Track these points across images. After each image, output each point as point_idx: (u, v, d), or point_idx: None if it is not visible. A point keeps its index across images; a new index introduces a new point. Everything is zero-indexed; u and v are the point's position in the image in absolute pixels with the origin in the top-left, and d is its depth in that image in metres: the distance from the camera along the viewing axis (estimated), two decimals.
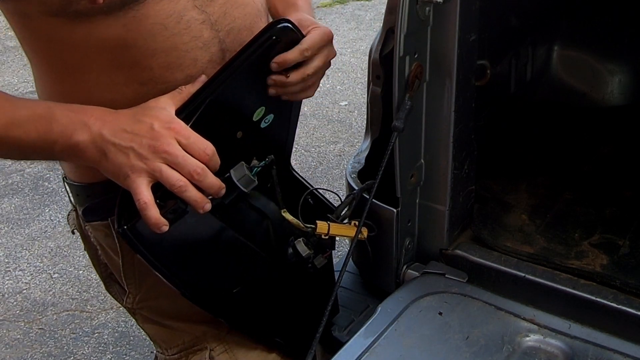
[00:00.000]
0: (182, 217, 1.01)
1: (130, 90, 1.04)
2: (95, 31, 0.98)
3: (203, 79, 1.03)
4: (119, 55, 1.01)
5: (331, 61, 1.15)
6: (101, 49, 1.01)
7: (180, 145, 0.95)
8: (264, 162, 1.11)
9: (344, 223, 1.27)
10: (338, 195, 1.44)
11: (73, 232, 1.33)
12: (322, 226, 1.20)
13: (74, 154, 0.97)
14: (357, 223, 1.25)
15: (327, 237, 1.22)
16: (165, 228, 0.96)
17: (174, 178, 0.95)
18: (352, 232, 1.25)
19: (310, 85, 1.13)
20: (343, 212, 1.27)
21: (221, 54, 1.09)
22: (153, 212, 0.94)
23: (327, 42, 1.12)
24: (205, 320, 1.26)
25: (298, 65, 1.09)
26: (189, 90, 1.02)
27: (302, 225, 1.20)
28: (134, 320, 1.37)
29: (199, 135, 0.97)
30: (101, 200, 1.17)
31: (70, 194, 1.24)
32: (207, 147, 0.97)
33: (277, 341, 1.31)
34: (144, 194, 0.94)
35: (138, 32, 1.00)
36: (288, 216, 1.20)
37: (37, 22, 0.99)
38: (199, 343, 1.28)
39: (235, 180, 1.04)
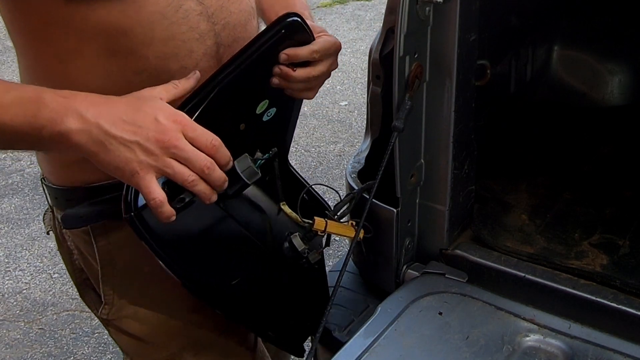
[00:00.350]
0: (188, 207, 1.00)
1: (123, 80, 1.02)
2: (93, 15, 0.97)
3: (197, 75, 1.00)
4: (115, 42, 1.00)
5: None
6: (98, 35, 0.99)
7: (187, 139, 0.92)
8: (267, 154, 1.11)
9: (342, 222, 1.27)
10: (338, 194, 1.45)
11: (48, 233, 1.29)
12: (319, 223, 1.20)
13: (62, 142, 0.91)
14: (354, 223, 1.26)
15: (323, 234, 1.22)
16: (174, 218, 0.94)
17: (186, 174, 0.92)
18: (348, 231, 1.25)
19: (311, 87, 1.13)
20: (341, 211, 1.27)
21: (215, 47, 1.08)
22: (167, 208, 0.92)
23: (335, 51, 1.13)
24: (184, 333, 1.23)
25: (304, 65, 1.09)
26: (184, 86, 0.99)
27: (300, 220, 1.20)
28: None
29: (204, 128, 0.94)
30: (82, 207, 1.13)
31: (49, 196, 1.20)
32: (213, 139, 0.94)
33: (269, 335, 1.30)
34: (157, 192, 0.91)
35: (137, 19, 0.99)
36: (287, 209, 1.20)
37: (34, 5, 0.97)
38: (174, 359, 1.26)
39: (240, 172, 1.03)
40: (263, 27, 1.16)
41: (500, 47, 1.85)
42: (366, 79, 1.47)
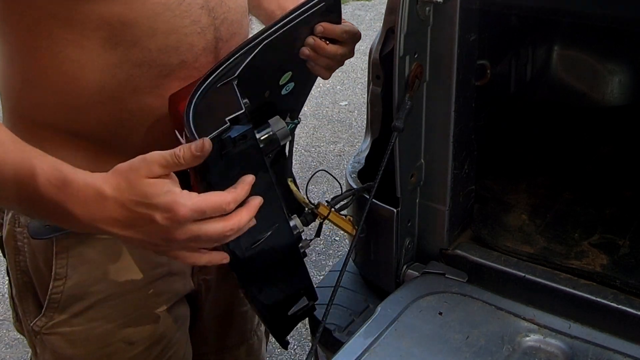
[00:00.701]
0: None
1: (122, 72, 1.00)
2: (97, 8, 0.95)
3: (206, 152, 0.87)
4: (117, 34, 0.98)
5: None
6: (100, 27, 0.96)
7: (197, 220, 0.85)
8: (297, 120, 1.12)
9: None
10: (340, 185, 1.44)
11: None
12: (323, 208, 1.21)
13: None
14: (351, 218, 1.26)
15: (322, 220, 1.22)
16: None
17: (210, 246, 0.90)
18: (347, 225, 1.26)
19: (331, 66, 1.16)
20: (339, 204, 1.27)
21: (215, 42, 1.07)
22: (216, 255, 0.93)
23: (357, 39, 1.17)
24: None
25: (332, 43, 1.13)
26: (188, 162, 0.87)
27: (307, 201, 1.20)
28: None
29: (210, 196, 0.86)
30: None
31: None
32: (225, 203, 0.87)
33: (262, 313, 1.29)
34: (197, 258, 0.91)
35: (141, 10, 0.97)
36: (293, 187, 1.20)
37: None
38: None
39: (275, 131, 1.03)
40: (257, 25, 1.16)
41: (500, 47, 1.85)
42: (366, 79, 1.48)
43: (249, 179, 0.92)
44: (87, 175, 0.88)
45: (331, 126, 4.19)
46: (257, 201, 0.93)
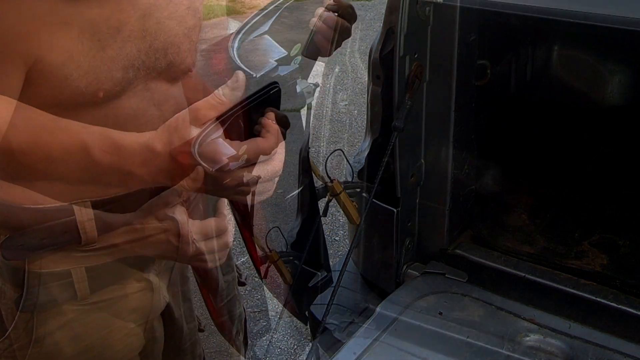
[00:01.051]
0: None
1: (111, 75, 0.98)
2: (87, 9, 0.94)
3: (242, 78, 0.90)
4: (109, 37, 0.97)
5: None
6: (90, 29, 0.95)
7: (242, 167, 0.90)
8: (316, 82, 1.14)
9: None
10: (353, 170, 1.45)
11: None
12: (337, 185, 1.22)
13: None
14: (356, 205, 1.28)
15: (333, 197, 1.23)
16: None
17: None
18: (354, 211, 1.29)
19: (336, 43, 1.18)
20: (349, 191, 1.29)
21: (199, 44, 1.08)
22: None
23: (355, 18, 1.20)
24: None
25: None
26: (228, 97, 0.88)
27: (323, 174, 1.21)
28: None
29: (251, 143, 0.89)
30: (23, 235, 1.03)
31: None
32: (267, 148, 0.90)
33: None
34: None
35: (131, 11, 0.97)
36: (310, 160, 1.21)
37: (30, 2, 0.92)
38: None
39: (302, 89, 1.05)
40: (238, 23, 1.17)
41: (500, 47, 1.85)
42: (366, 79, 1.48)
43: (276, 126, 0.93)
44: (138, 136, 0.91)
45: (331, 126, 4.19)
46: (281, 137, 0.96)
